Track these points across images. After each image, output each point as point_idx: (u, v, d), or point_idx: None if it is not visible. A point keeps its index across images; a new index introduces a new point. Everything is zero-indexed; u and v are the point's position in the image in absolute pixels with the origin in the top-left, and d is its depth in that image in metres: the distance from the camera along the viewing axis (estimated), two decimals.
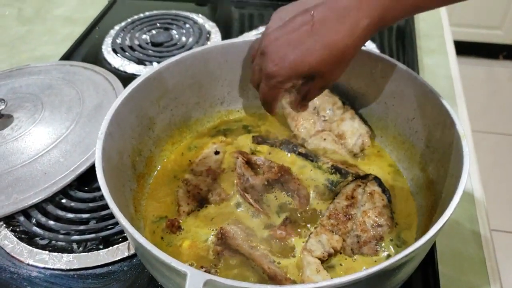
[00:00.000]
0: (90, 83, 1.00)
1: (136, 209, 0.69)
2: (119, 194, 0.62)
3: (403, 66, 0.72)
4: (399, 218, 0.69)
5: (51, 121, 0.89)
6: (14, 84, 1.01)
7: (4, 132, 0.86)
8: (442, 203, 0.62)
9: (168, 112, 0.79)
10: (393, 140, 0.78)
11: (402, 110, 0.75)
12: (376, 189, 0.69)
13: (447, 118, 0.64)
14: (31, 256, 0.71)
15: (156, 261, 0.49)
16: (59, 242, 0.73)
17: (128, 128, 0.70)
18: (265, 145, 0.80)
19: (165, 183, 0.76)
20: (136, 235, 0.50)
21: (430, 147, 0.69)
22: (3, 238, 0.74)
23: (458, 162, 0.59)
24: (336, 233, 0.65)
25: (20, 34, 1.31)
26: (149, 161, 0.76)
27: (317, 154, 0.77)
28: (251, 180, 0.72)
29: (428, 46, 1.17)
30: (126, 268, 0.70)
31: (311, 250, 0.63)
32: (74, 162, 0.82)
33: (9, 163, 0.81)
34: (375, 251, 0.64)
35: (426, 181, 0.69)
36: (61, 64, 1.09)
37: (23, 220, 0.75)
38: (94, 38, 1.24)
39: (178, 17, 1.29)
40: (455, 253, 0.73)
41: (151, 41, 1.20)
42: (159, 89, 0.76)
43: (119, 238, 0.73)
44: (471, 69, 3.02)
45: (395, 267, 0.49)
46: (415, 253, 0.49)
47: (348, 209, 0.67)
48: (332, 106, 0.82)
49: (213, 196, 0.72)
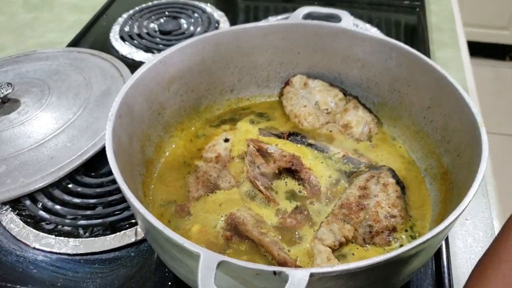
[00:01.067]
0: (98, 70, 0.99)
1: (145, 194, 0.68)
2: (128, 177, 0.61)
3: (419, 54, 0.70)
4: (412, 208, 0.67)
5: (58, 106, 0.88)
6: (21, 69, 1.00)
7: (11, 116, 0.85)
8: (457, 193, 0.61)
9: (178, 98, 0.78)
10: (406, 130, 0.76)
11: (417, 99, 0.73)
12: (390, 180, 0.68)
13: (465, 107, 0.63)
14: (37, 240, 0.70)
15: (168, 242, 0.48)
16: (65, 226, 0.72)
17: (138, 112, 0.69)
18: (272, 137, 0.79)
19: (175, 168, 0.74)
20: (147, 215, 0.48)
21: (446, 137, 0.68)
22: (9, 222, 0.73)
23: (475, 151, 0.58)
24: (348, 223, 0.64)
25: (26, 20, 1.30)
26: (158, 146, 0.75)
27: (326, 145, 0.76)
28: (261, 168, 0.71)
29: (440, 39, 1.16)
30: (133, 254, 0.69)
31: (322, 238, 0.62)
32: (81, 147, 0.81)
33: (15, 147, 0.80)
34: (387, 241, 0.63)
35: (440, 171, 0.68)
36: (68, 50, 1.08)
37: (29, 204, 0.74)
38: (102, 25, 1.23)
39: (187, 6, 1.28)
40: (468, 247, 0.72)
41: (159, 29, 1.18)
42: (170, 74, 0.75)
43: (126, 224, 0.72)
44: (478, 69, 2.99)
45: (410, 255, 0.48)
46: (429, 243, 0.48)
47: (360, 199, 0.66)
48: (334, 98, 0.82)
49: (223, 183, 0.71)
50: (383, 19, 1.19)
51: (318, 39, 0.80)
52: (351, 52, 0.79)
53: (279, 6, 1.31)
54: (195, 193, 0.69)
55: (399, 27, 1.17)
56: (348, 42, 0.78)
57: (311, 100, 0.82)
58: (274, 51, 0.82)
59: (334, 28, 0.78)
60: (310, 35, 0.80)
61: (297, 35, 0.80)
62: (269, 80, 0.86)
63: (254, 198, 0.68)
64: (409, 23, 1.18)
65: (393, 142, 0.78)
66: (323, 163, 0.73)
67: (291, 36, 0.80)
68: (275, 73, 0.85)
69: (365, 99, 0.81)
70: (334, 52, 0.80)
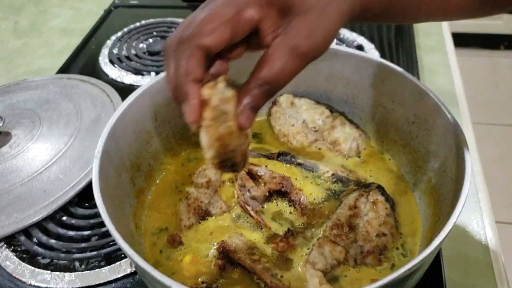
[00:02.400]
0: (88, 96, 1.00)
1: (136, 225, 0.68)
2: (118, 212, 0.62)
3: (401, 70, 0.71)
4: (403, 225, 0.68)
5: (49, 137, 0.88)
6: (12, 100, 1.00)
7: (3, 150, 0.86)
8: (446, 208, 0.61)
9: (166, 125, 0.78)
10: (394, 145, 0.77)
11: (402, 114, 0.74)
12: (379, 198, 0.68)
13: (448, 123, 0.63)
14: (33, 277, 0.71)
15: (157, 282, 0.48)
16: (60, 260, 0.73)
17: (126, 144, 0.70)
18: (262, 158, 0.79)
19: (166, 194, 0.75)
20: (135, 258, 0.49)
21: (431, 152, 0.68)
22: (4, 259, 0.73)
23: (460, 167, 0.58)
24: (339, 244, 0.65)
25: (16, 47, 1.31)
26: (148, 175, 0.75)
27: (315, 164, 0.76)
28: (252, 191, 0.71)
29: (427, 43, 1.16)
30: (129, 285, 0.69)
31: (313, 262, 0.63)
32: (74, 178, 0.81)
33: (8, 182, 0.81)
34: (378, 261, 0.63)
35: (428, 185, 0.68)
36: (58, 77, 1.09)
37: (24, 240, 0.75)
38: (91, 49, 1.23)
39: (175, 24, 1.28)
40: (460, 256, 0.72)
41: (148, 50, 1.19)
42: (156, 103, 0.75)
43: (121, 254, 0.73)
44: (472, 60, 2.99)
45: (403, 277, 0.48)
46: (422, 262, 0.49)
47: (351, 219, 0.66)
48: (321, 116, 0.82)
49: (214, 209, 0.71)
50: (368, 27, 1.19)
51: None
52: (335, 70, 0.79)
53: None
54: (186, 221, 0.70)
55: (385, 33, 1.17)
56: (331, 60, 0.78)
57: (299, 118, 0.82)
58: None
59: None
60: None
61: None
62: None
63: (245, 222, 0.69)
64: (396, 29, 1.18)
65: (381, 156, 0.79)
66: (312, 183, 0.74)
67: None
68: None
69: (352, 115, 0.82)
70: (318, 70, 0.80)
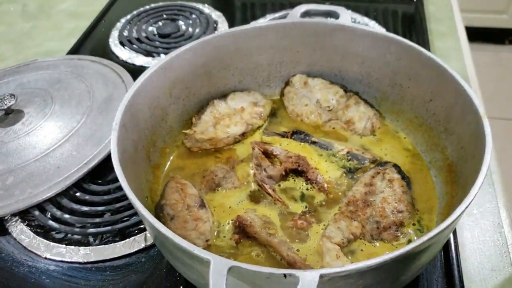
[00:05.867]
0: (99, 76, 1.00)
1: (152, 200, 0.68)
2: (136, 186, 0.62)
3: (418, 47, 0.70)
4: (419, 202, 0.68)
5: (61, 115, 0.88)
6: (23, 80, 1.00)
7: (16, 127, 0.86)
8: (463, 184, 0.61)
9: (180, 102, 0.78)
10: (409, 124, 0.77)
11: (418, 92, 0.73)
12: (396, 176, 0.68)
13: (466, 99, 0.63)
14: (48, 250, 0.71)
15: (178, 249, 0.48)
16: (75, 235, 0.73)
17: (142, 119, 0.70)
18: (275, 137, 0.79)
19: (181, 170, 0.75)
20: (156, 224, 0.49)
21: (449, 129, 0.68)
22: (19, 233, 0.73)
23: (479, 142, 0.58)
24: (355, 220, 0.65)
25: (25, 30, 1.30)
26: (163, 151, 0.75)
27: (330, 142, 0.76)
28: (268, 170, 0.71)
29: (438, 29, 1.16)
30: (144, 260, 0.69)
31: (330, 236, 0.63)
32: (87, 155, 0.81)
33: (22, 158, 0.81)
34: (395, 236, 0.63)
35: (445, 163, 0.68)
36: (69, 58, 1.09)
37: (38, 214, 0.75)
38: (101, 31, 1.23)
39: (184, 7, 1.28)
40: (476, 237, 0.72)
41: (158, 32, 1.19)
42: (171, 79, 0.75)
43: (135, 230, 0.73)
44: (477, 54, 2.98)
45: (418, 250, 0.49)
46: (438, 237, 0.48)
47: (367, 196, 0.66)
48: (334, 96, 0.82)
49: (226, 184, 0.71)
50: (381, 11, 1.18)
51: (316, 37, 0.80)
52: (350, 48, 0.79)
53: (276, 2, 1.31)
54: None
55: (397, 18, 1.16)
56: (347, 39, 0.78)
57: (312, 98, 0.82)
58: (274, 51, 0.82)
59: (332, 25, 0.78)
60: (309, 33, 0.80)
61: (296, 34, 0.80)
62: (270, 80, 0.86)
63: (262, 199, 0.69)
64: (407, 14, 1.18)
65: (396, 135, 0.78)
66: (327, 161, 0.73)
67: (290, 35, 0.80)
68: (276, 73, 0.85)
69: (366, 95, 0.82)
70: (334, 49, 0.80)
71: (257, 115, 0.81)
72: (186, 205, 0.66)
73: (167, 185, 0.70)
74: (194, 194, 0.68)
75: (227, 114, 0.80)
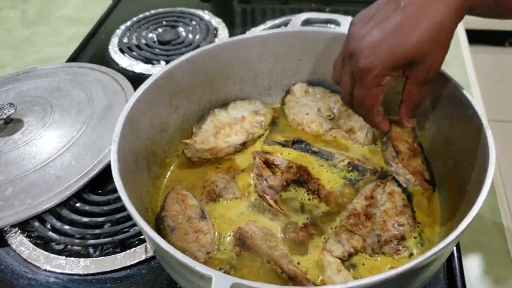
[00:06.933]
0: (99, 84, 0.99)
1: (153, 212, 0.68)
2: (136, 198, 0.61)
3: None
4: (421, 214, 0.67)
5: (61, 124, 0.88)
6: (22, 88, 1.00)
7: (15, 136, 0.85)
8: (465, 197, 0.61)
9: (180, 111, 0.78)
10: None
11: None
12: (396, 189, 0.68)
13: (468, 108, 0.63)
14: (48, 262, 0.70)
15: (178, 264, 0.48)
16: (75, 246, 0.73)
17: (142, 129, 0.69)
18: (276, 146, 0.79)
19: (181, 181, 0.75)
20: (156, 238, 0.49)
21: (451, 139, 0.68)
22: (19, 244, 0.73)
23: (482, 154, 0.58)
24: (356, 233, 0.64)
25: (25, 36, 1.30)
26: (164, 162, 0.75)
27: (331, 152, 0.76)
28: (269, 180, 0.71)
29: None
30: (145, 271, 0.69)
31: (331, 249, 0.62)
32: (87, 165, 0.81)
33: (21, 168, 0.80)
34: (396, 250, 0.63)
35: (448, 174, 0.68)
36: (68, 66, 1.08)
37: (38, 225, 0.74)
38: (100, 38, 1.23)
39: (184, 14, 1.27)
40: (478, 246, 0.71)
41: (158, 39, 1.18)
42: (171, 89, 0.75)
43: (136, 241, 0.72)
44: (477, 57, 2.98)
45: (422, 266, 0.48)
46: (442, 251, 0.48)
47: (367, 209, 0.66)
48: (335, 104, 0.82)
49: (227, 194, 0.71)
50: None
51: (317, 45, 0.79)
52: None
53: (276, 8, 1.31)
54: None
55: None
56: None
57: (313, 107, 0.82)
58: (274, 60, 0.82)
59: (333, 33, 0.78)
60: (310, 42, 0.79)
61: (297, 42, 0.80)
62: (271, 88, 0.86)
63: (262, 210, 0.68)
64: None
65: None
66: (328, 171, 0.73)
67: (291, 44, 0.80)
68: (277, 81, 0.85)
69: None
70: (334, 57, 0.79)
71: (258, 124, 0.81)
72: (186, 216, 0.66)
73: (167, 196, 0.69)
74: (195, 205, 0.68)
75: (228, 123, 0.80)
